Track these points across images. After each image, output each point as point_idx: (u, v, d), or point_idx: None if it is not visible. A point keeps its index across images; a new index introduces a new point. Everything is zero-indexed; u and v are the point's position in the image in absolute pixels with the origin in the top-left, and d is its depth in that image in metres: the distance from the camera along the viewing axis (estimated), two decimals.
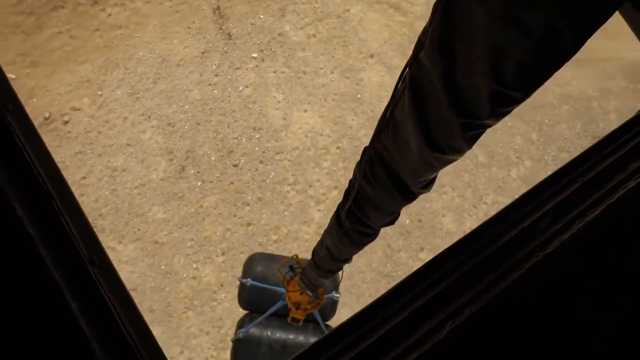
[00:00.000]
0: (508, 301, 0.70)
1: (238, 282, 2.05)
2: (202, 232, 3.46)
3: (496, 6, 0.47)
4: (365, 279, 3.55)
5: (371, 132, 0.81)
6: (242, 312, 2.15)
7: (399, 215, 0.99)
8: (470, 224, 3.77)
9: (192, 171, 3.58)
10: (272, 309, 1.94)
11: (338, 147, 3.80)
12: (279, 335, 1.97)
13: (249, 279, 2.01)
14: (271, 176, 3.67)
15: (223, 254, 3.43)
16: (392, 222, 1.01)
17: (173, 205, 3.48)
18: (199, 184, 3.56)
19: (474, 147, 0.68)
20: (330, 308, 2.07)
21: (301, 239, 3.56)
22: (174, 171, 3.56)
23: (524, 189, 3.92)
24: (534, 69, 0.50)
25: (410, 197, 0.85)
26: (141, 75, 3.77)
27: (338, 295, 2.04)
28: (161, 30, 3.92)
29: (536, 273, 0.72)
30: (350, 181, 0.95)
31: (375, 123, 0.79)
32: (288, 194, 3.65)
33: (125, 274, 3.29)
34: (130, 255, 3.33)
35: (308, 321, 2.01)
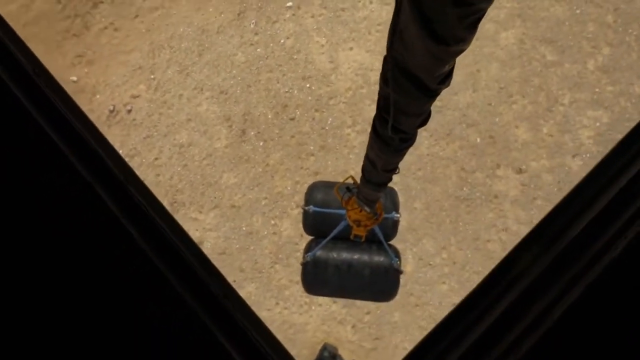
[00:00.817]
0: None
1: (302, 210, 2.10)
2: (274, 189, 3.54)
3: None
4: (443, 206, 3.45)
5: None
6: None
7: (429, 114, 1.01)
8: (548, 130, 3.50)
9: (252, 133, 3.65)
10: (335, 230, 1.98)
11: None
12: (345, 255, 2.01)
13: (312, 206, 2.05)
14: (329, 122, 3.63)
15: (297, 206, 3.50)
16: (424, 123, 1.03)
17: (241, 168, 3.59)
18: (261, 143, 3.63)
19: (539, 45, 0.63)
20: (392, 228, 2.08)
21: None
22: (235, 136, 3.65)
23: (605, 80, 3.53)
24: None
25: (431, 94, 0.87)
26: (186, 51, 3.85)
27: (398, 215, 2.05)
28: (195, 2, 3.94)
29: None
30: (378, 92, 0.99)
31: None
32: (349, 137, 3.61)
33: (212, 240, 3.49)
34: (213, 223, 3.51)
35: (372, 242, 2.03)
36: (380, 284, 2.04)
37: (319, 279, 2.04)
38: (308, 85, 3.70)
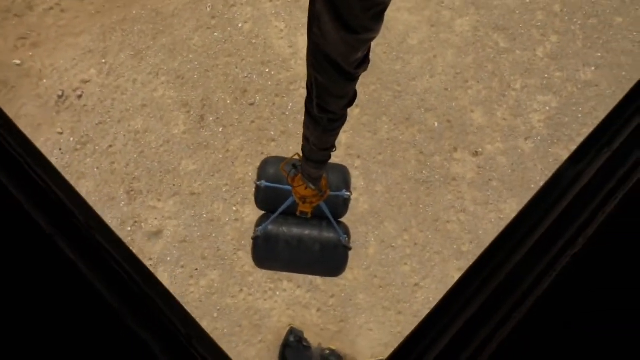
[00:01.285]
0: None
1: (254, 185, 2.10)
2: (235, 175, 3.49)
3: None
4: (404, 189, 3.52)
5: (380, 41, 0.78)
6: None
7: (355, 96, 1.06)
8: (502, 114, 3.63)
9: (211, 118, 3.57)
10: (283, 206, 2.01)
11: None
12: (295, 231, 2.04)
13: (263, 181, 2.06)
14: (290, 107, 3.61)
15: None
16: (350, 104, 1.08)
17: (200, 155, 3.51)
18: (220, 129, 3.56)
19: (492, 33, 0.65)
20: (342, 205, 2.11)
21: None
22: (193, 122, 3.56)
23: (553, 67, 3.70)
24: None
25: (350, 77, 0.91)
26: (139, 34, 3.71)
27: (349, 193, 2.07)
28: None
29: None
30: (307, 73, 1.02)
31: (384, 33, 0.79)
32: None
33: (172, 228, 3.39)
34: (172, 211, 3.42)
35: (322, 218, 2.06)
36: (329, 259, 2.08)
37: (269, 253, 2.05)
38: (267, 70, 3.66)
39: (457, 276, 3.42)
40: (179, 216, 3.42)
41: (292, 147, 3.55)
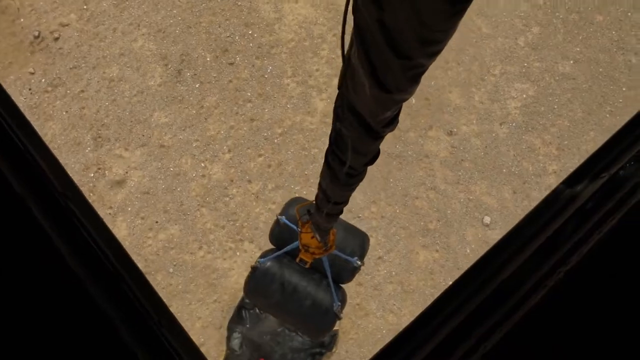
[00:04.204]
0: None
1: (276, 218, 2.12)
2: (206, 131, 3.44)
3: None
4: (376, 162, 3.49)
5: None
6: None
7: (377, 154, 1.04)
8: (479, 97, 3.65)
9: (188, 74, 3.53)
10: (288, 247, 2.02)
11: (334, 35, 3.67)
12: (294, 278, 2.04)
13: (284, 217, 2.08)
14: (269, 70, 3.59)
15: (229, 151, 3.41)
16: (372, 162, 1.06)
17: (174, 108, 3.45)
18: (197, 85, 3.51)
19: (477, 18, 0.64)
20: (349, 272, 2.10)
21: (306, 129, 3.51)
22: (170, 76, 3.51)
23: (533, 56, 3.74)
24: (448, 14, 0.56)
25: (376, 136, 0.90)
26: None
27: (360, 263, 2.05)
28: None
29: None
30: (332, 125, 1.01)
31: None
32: (288, 87, 3.58)
33: (136, 179, 3.31)
34: (138, 161, 3.35)
35: (326, 277, 2.05)
36: (316, 320, 2.06)
37: (262, 287, 2.06)
38: (250, 32, 3.64)
39: (421, 253, 3.39)
40: (144, 167, 3.34)
41: (267, 109, 3.51)
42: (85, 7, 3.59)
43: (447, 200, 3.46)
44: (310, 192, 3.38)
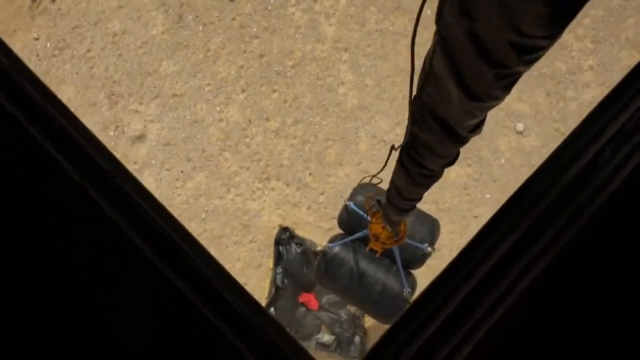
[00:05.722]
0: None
1: (344, 202, 2.11)
2: (217, 74, 3.35)
3: None
4: (395, 82, 3.33)
5: None
6: None
7: (457, 155, 0.97)
8: None
9: (190, 17, 3.40)
10: (356, 235, 2.02)
11: None
12: (363, 264, 2.04)
13: (352, 203, 2.05)
14: (272, 2, 3.41)
15: (243, 91, 3.33)
16: (451, 163, 1.00)
17: (181, 55, 3.36)
18: (200, 28, 3.39)
19: None
20: (420, 258, 2.06)
21: (318, 58, 3.36)
22: (172, 22, 3.40)
23: None
24: (549, 18, 0.51)
25: (460, 140, 0.85)
26: None
27: (430, 249, 2.01)
28: None
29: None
30: (406, 126, 0.97)
31: None
32: (294, 16, 3.40)
33: (155, 131, 3.30)
34: (155, 113, 3.32)
35: (395, 262, 2.03)
36: (385, 305, 2.05)
37: (330, 272, 2.07)
38: None
39: (453, 170, 3.26)
40: (161, 119, 3.31)
41: (275, 43, 3.37)
42: None
43: None
44: (330, 123, 3.28)
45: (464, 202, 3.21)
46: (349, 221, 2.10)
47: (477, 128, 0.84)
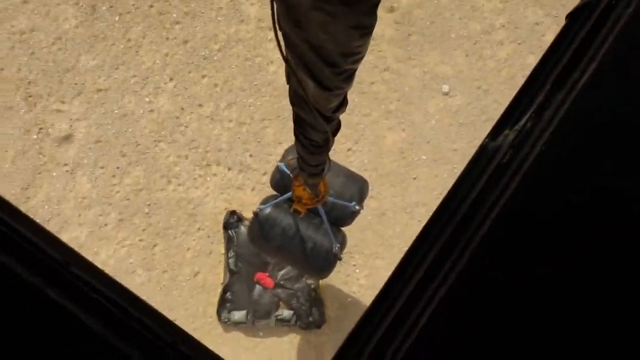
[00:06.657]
0: None
1: (276, 165, 2.16)
2: (141, 64, 3.24)
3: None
4: None
5: None
6: None
7: (338, 127, 1.16)
8: None
9: (104, 8, 3.25)
10: (285, 196, 2.08)
11: None
12: (294, 223, 2.10)
13: (282, 164, 2.09)
14: None
15: (171, 79, 3.25)
16: (334, 134, 1.17)
17: (99, 48, 3.22)
18: (116, 18, 3.25)
19: None
20: (348, 216, 2.16)
21: (244, 38, 3.33)
22: (85, 14, 3.24)
23: None
24: (357, 35, 0.67)
25: (328, 119, 1.01)
26: None
27: (358, 207, 2.12)
28: None
29: None
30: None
31: None
32: None
33: (83, 130, 3.16)
34: (80, 111, 3.17)
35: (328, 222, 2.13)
36: (317, 261, 2.13)
37: (264, 232, 2.11)
38: None
39: (388, 136, 3.39)
40: (88, 116, 3.17)
41: (198, 27, 3.31)
42: None
43: (402, 78, 3.41)
44: (264, 102, 3.29)
45: (402, 165, 3.35)
46: (281, 181, 2.15)
47: (339, 109, 0.99)
